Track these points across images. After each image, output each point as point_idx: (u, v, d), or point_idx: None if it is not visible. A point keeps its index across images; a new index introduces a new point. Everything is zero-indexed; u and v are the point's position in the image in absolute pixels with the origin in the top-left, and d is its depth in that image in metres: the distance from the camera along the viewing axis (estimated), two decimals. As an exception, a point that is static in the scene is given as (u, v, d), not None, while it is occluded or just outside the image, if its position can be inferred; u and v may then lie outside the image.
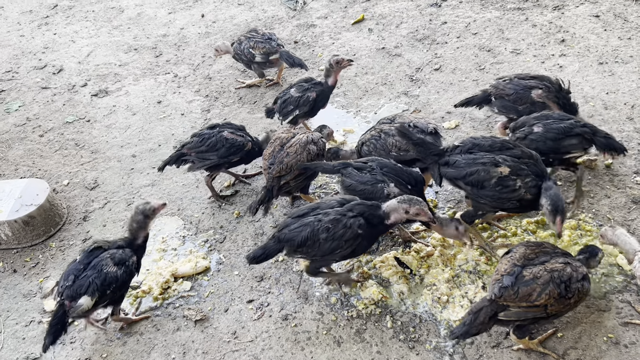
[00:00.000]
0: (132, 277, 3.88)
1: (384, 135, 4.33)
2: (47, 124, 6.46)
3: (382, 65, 6.63)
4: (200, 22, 8.30)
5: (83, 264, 3.74)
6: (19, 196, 4.88)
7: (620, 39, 6.29)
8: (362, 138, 4.53)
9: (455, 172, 3.76)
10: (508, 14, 7.18)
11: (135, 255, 3.86)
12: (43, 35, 8.47)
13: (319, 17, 7.86)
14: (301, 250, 3.64)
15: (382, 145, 4.33)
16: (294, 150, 4.39)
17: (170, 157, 4.81)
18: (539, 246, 3.38)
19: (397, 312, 3.85)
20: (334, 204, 3.64)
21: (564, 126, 4.13)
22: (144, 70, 7.30)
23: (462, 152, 3.80)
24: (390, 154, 4.27)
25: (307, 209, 3.70)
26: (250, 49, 6.18)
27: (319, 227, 3.53)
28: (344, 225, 3.52)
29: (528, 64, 6.17)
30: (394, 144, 4.27)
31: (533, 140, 4.14)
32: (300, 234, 3.56)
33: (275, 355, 3.70)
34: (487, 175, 3.62)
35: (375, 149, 4.35)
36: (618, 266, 3.89)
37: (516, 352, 3.48)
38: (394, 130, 4.18)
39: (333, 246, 3.56)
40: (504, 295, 3.16)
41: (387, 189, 3.85)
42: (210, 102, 6.47)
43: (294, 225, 3.63)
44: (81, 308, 3.61)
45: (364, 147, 4.45)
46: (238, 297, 4.13)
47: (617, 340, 3.47)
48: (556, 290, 3.12)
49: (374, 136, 4.40)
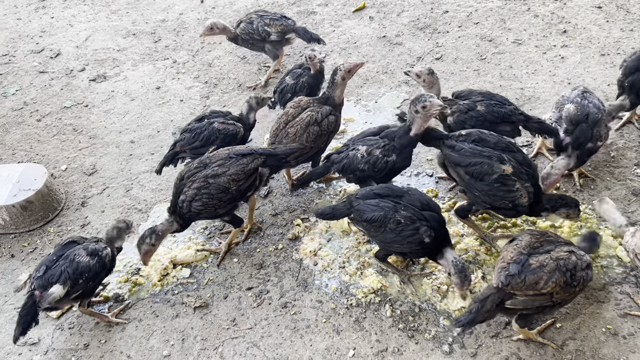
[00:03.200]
0: (106, 271, 3.81)
1: (213, 179, 3.97)
2: (44, 108, 6.40)
3: (383, 54, 6.58)
4: (199, 7, 8.22)
5: (56, 256, 3.72)
6: (16, 181, 4.84)
7: (623, 31, 6.26)
8: (184, 198, 3.97)
9: (459, 158, 3.74)
10: (510, 3, 7.13)
11: (108, 249, 3.83)
12: (40, 18, 8.37)
13: (320, 4, 7.79)
14: (365, 226, 3.73)
15: (216, 188, 3.95)
16: (294, 131, 4.33)
17: (166, 158, 4.69)
18: (542, 235, 3.40)
19: (397, 301, 3.85)
20: (417, 203, 3.65)
21: (504, 111, 4.22)
22: (142, 55, 7.23)
23: (468, 141, 3.78)
24: (230, 190, 4.00)
25: (390, 192, 3.73)
26: (266, 27, 5.95)
27: (390, 217, 3.58)
28: (415, 229, 3.55)
29: (530, 55, 6.15)
30: (229, 180, 3.98)
31: (473, 117, 4.20)
32: (372, 213, 3.63)
33: (274, 342, 3.70)
34: (490, 170, 3.61)
35: (211, 197, 3.97)
36: (617, 258, 3.90)
37: (515, 342, 3.50)
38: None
39: (394, 240, 3.61)
40: (511, 283, 3.15)
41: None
42: (210, 89, 6.42)
43: (371, 201, 3.68)
44: (52, 297, 3.55)
45: (195, 203, 3.95)
46: (237, 285, 4.12)
47: (616, 332, 3.48)
48: (562, 279, 3.13)
49: (201, 187, 3.96)
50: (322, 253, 4.25)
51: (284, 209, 4.71)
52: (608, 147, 4.78)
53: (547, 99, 5.43)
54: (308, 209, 4.67)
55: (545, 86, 5.65)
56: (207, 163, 4.03)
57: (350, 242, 4.31)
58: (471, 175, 3.71)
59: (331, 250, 4.28)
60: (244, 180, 4.04)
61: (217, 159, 4.04)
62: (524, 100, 5.48)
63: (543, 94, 5.53)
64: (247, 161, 4.04)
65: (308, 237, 4.39)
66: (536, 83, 5.72)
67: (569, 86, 5.54)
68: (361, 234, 4.33)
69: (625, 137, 4.90)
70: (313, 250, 4.27)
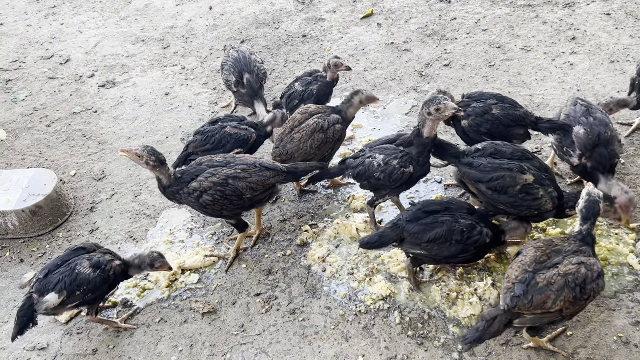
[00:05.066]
0: (109, 284, 3.74)
1: (232, 180, 3.96)
2: (54, 114, 6.44)
3: (391, 60, 6.59)
4: (207, 14, 8.27)
5: (61, 261, 3.67)
6: (26, 186, 4.86)
7: (632, 37, 6.25)
8: (197, 186, 3.92)
9: (480, 175, 3.71)
10: (518, 10, 7.13)
11: (116, 263, 3.75)
12: (50, 25, 8.44)
13: (328, 11, 7.81)
14: (426, 247, 3.62)
15: (232, 190, 3.95)
16: (299, 137, 4.35)
17: (179, 159, 4.72)
18: (548, 245, 3.26)
19: (406, 307, 3.83)
20: (464, 210, 3.70)
21: (519, 114, 4.21)
22: (151, 61, 7.27)
23: (484, 155, 3.77)
24: (244, 197, 4.00)
25: (438, 206, 3.71)
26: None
27: (454, 228, 3.55)
28: (479, 233, 3.58)
29: (538, 61, 6.13)
30: (247, 186, 3.98)
31: (488, 120, 4.17)
32: (433, 231, 3.57)
33: (283, 349, 3.69)
34: (513, 182, 3.60)
35: (224, 197, 3.95)
36: (628, 265, 3.87)
37: (525, 349, 3.47)
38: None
39: (460, 249, 3.58)
40: (517, 305, 3.07)
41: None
42: (218, 95, 6.44)
43: (426, 219, 3.63)
44: (46, 305, 3.52)
45: (206, 196, 3.91)
46: (246, 290, 4.11)
47: (627, 340, 3.45)
48: (571, 294, 3.03)
49: (219, 183, 3.93)
50: (330, 259, 4.24)
51: (292, 214, 4.71)
52: (618, 154, 4.76)
53: (555, 105, 5.41)
54: (316, 214, 4.67)
55: (554, 93, 5.63)
56: (230, 162, 4.03)
57: (359, 248, 4.30)
58: (494, 190, 3.68)
59: (339, 256, 4.27)
60: (260, 192, 4.05)
61: (242, 162, 4.04)
62: (533, 107, 5.47)
63: (552, 101, 5.51)
64: (270, 175, 4.04)
65: (316, 243, 4.38)
66: (545, 90, 5.70)
67: (578, 93, 5.53)
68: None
69: (635, 144, 4.87)
70: (321, 256, 4.26)
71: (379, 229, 4.37)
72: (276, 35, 7.45)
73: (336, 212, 4.67)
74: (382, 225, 4.45)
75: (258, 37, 7.47)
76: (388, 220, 4.50)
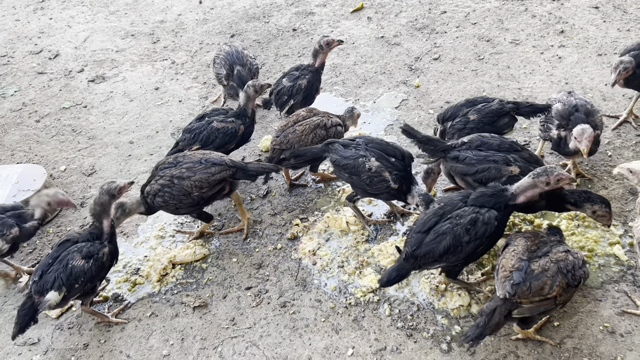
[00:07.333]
0: (104, 269, 3.76)
1: (177, 180, 4.04)
2: (43, 109, 6.41)
3: (381, 54, 6.61)
4: (197, 8, 8.24)
5: (52, 258, 3.67)
6: (15, 181, 4.85)
7: (620, 31, 6.29)
8: (149, 189, 4.10)
9: (466, 168, 3.74)
10: (507, 4, 7.16)
11: (107, 247, 3.75)
12: (39, 19, 8.39)
13: (318, 5, 7.81)
14: (443, 259, 3.49)
15: (178, 190, 4.03)
16: (302, 129, 4.49)
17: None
18: (536, 236, 3.38)
19: (395, 300, 3.86)
20: (458, 203, 3.52)
21: (495, 108, 4.27)
22: (141, 56, 7.24)
23: (471, 148, 3.79)
24: (191, 195, 4.06)
25: (433, 216, 3.53)
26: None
27: (459, 232, 3.39)
28: (484, 222, 3.39)
29: (527, 55, 6.17)
30: (192, 185, 4.03)
31: (473, 129, 4.20)
32: (440, 244, 3.42)
33: (274, 341, 3.72)
34: (498, 174, 3.62)
35: (172, 197, 4.04)
36: (614, 256, 3.92)
37: (514, 341, 3.51)
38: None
39: (476, 245, 3.43)
40: (518, 292, 3.09)
41: (368, 164, 3.94)
42: (208, 89, 6.44)
43: (428, 237, 3.48)
44: (49, 303, 3.53)
45: (158, 198, 4.07)
46: (236, 284, 4.13)
47: (613, 330, 3.50)
48: (564, 280, 3.12)
49: (165, 185, 4.05)
50: (320, 252, 4.27)
51: (283, 209, 4.73)
52: (605, 147, 4.80)
53: (544, 98, 5.45)
54: (307, 208, 4.69)
55: (543, 86, 5.67)
56: (179, 162, 4.11)
57: (349, 241, 4.33)
58: (480, 182, 3.69)
59: (330, 249, 4.29)
60: (208, 189, 4.11)
61: (189, 160, 4.11)
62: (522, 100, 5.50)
63: (540, 94, 5.55)
64: (215, 171, 4.09)
65: (307, 237, 4.41)
66: (534, 83, 5.74)
67: (567, 86, 5.57)
68: (359, 234, 4.35)
69: (622, 137, 4.92)
70: (312, 250, 4.29)
71: (368, 222, 4.41)
72: (266, 30, 7.44)
73: (326, 206, 4.70)
74: (372, 218, 4.48)
75: (248, 31, 7.46)
76: (378, 213, 4.56)
